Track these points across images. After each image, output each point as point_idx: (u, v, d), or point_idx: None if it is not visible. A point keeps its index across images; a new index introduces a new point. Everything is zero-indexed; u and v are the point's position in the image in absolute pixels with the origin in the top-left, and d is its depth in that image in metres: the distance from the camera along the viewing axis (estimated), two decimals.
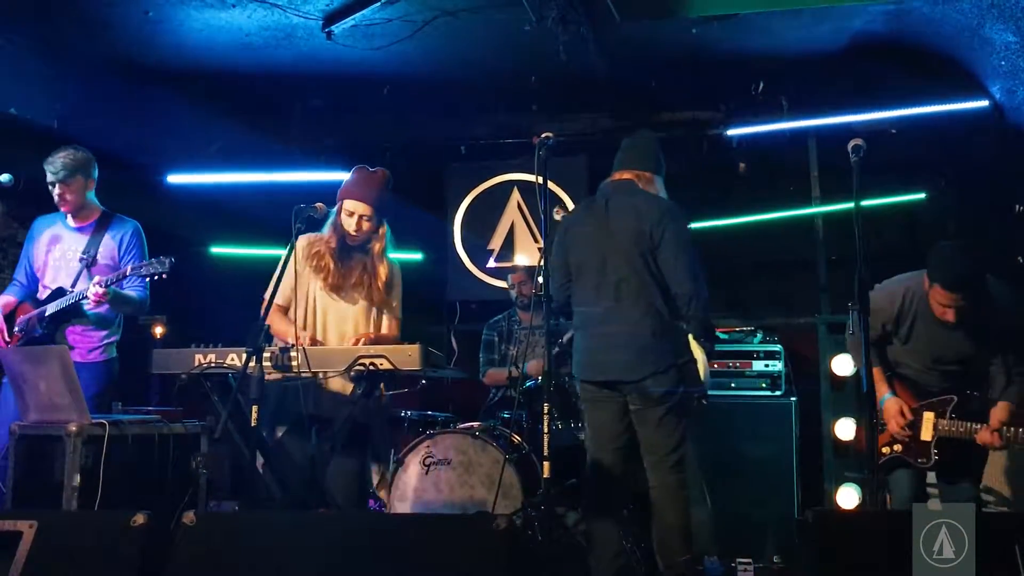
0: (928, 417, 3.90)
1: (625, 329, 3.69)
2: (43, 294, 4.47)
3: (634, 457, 3.93)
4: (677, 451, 3.70)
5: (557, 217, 4.39)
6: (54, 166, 4.35)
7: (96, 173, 4.50)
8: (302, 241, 4.05)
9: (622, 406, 3.78)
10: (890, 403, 3.96)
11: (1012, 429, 3.71)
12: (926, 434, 3.89)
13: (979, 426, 3.79)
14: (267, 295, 3.88)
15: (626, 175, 3.92)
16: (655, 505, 3.75)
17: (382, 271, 4.03)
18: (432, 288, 6.84)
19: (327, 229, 4.08)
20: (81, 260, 4.41)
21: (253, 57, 5.70)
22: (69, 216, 4.51)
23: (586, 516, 3.94)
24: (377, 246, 4.05)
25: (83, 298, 4.25)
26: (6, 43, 5.24)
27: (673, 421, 3.69)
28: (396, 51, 5.53)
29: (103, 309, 4.39)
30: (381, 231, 4.06)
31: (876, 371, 3.96)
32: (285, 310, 4.03)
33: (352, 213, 3.98)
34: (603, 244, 3.78)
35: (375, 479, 4.09)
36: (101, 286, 4.13)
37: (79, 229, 4.50)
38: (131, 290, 4.39)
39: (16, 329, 4.39)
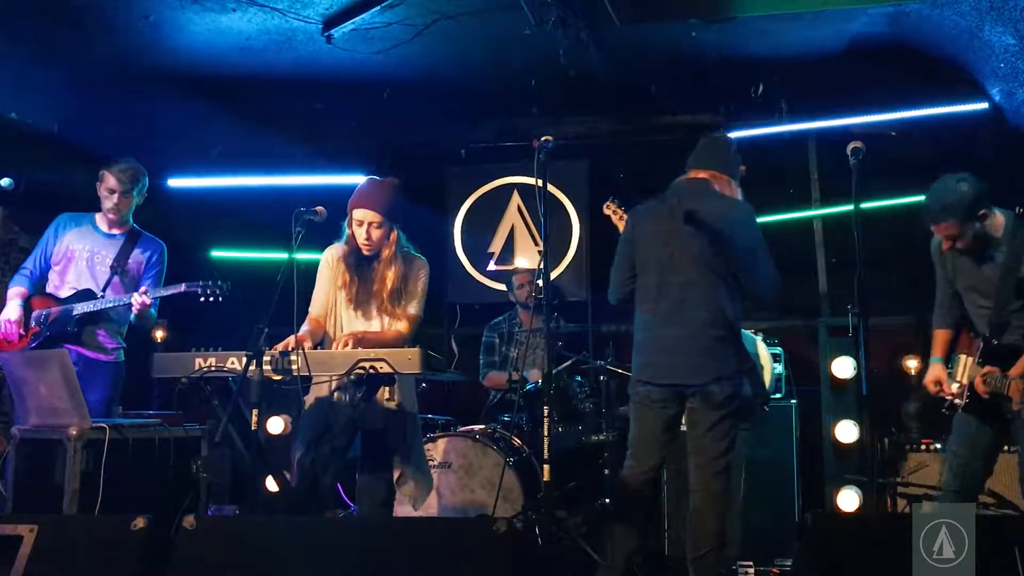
0: (966, 360, 3.92)
1: (689, 332, 3.62)
2: (63, 291, 4.53)
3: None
4: (725, 456, 3.62)
5: (607, 211, 4.11)
6: (124, 175, 4.52)
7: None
8: (329, 252, 4.02)
9: (677, 413, 3.70)
10: (932, 368, 4.01)
11: (991, 377, 3.72)
12: (963, 376, 3.91)
13: (977, 372, 3.79)
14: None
15: (702, 174, 3.83)
16: (694, 506, 3.69)
17: (390, 276, 3.91)
18: (432, 291, 6.80)
19: (342, 241, 4.00)
20: (112, 268, 4.53)
21: (253, 61, 5.70)
22: (101, 221, 4.63)
23: (610, 517, 3.87)
24: (386, 252, 3.92)
25: (122, 304, 4.39)
26: (7, 47, 5.25)
27: (727, 426, 3.62)
28: (396, 55, 5.54)
29: (123, 315, 4.53)
30: (392, 236, 3.93)
31: (939, 333, 4.06)
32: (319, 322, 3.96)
33: (361, 222, 3.88)
34: (671, 243, 3.69)
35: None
36: (148, 296, 4.33)
37: (110, 236, 4.62)
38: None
39: (32, 322, 4.44)
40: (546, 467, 3.60)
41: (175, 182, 6.79)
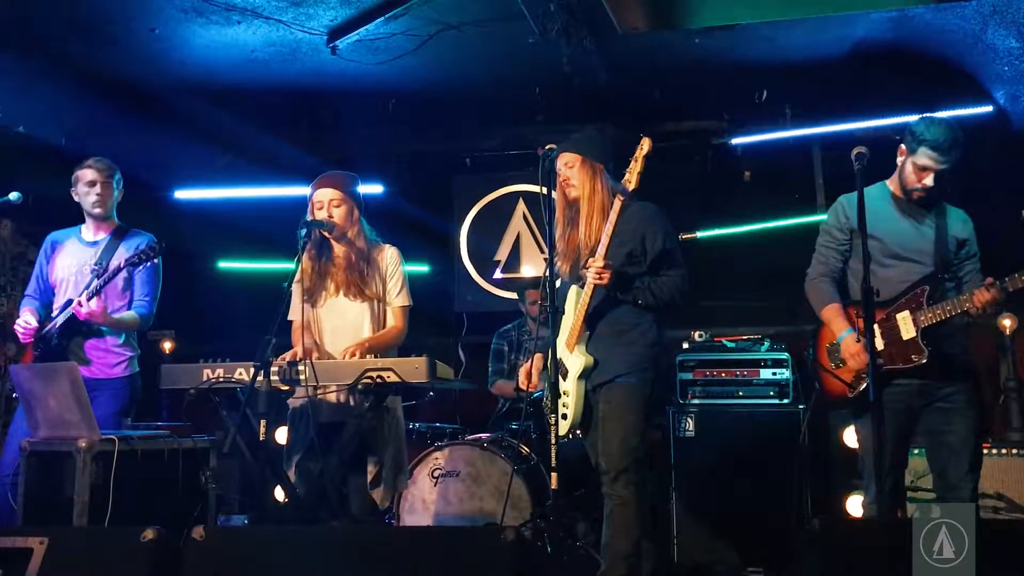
0: (904, 316, 3.50)
1: None
2: (58, 305, 4.42)
3: None
4: None
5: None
6: (100, 164, 4.43)
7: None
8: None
9: None
10: (848, 339, 3.66)
11: (1014, 276, 3.27)
12: (907, 333, 3.48)
13: (966, 295, 3.37)
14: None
15: None
16: None
17: (368, 257, 3.91)
18: (439, 300, 6.86)
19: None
20: (93, 271, 4.36)
21: (259, 73, 5.73)
22: (86, 230, 4.50)
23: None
24: (352, 230, 3.90)
25: (65, 315, 4.20)
26: (14, 61, 5.29)
27: None
28: (400, 65, 5.56)
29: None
30: (355, 215, 3.92)
31: (832, 308, 3.76)
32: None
33: (321, 204, 3.91)
34: None
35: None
36: (87, 297, 4.14)
37: (94, 243, 4.47)
38: (133, 310, 4.38)
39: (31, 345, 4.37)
40: (554, 475, 3.59)
41: (182, 194, 6.83)
